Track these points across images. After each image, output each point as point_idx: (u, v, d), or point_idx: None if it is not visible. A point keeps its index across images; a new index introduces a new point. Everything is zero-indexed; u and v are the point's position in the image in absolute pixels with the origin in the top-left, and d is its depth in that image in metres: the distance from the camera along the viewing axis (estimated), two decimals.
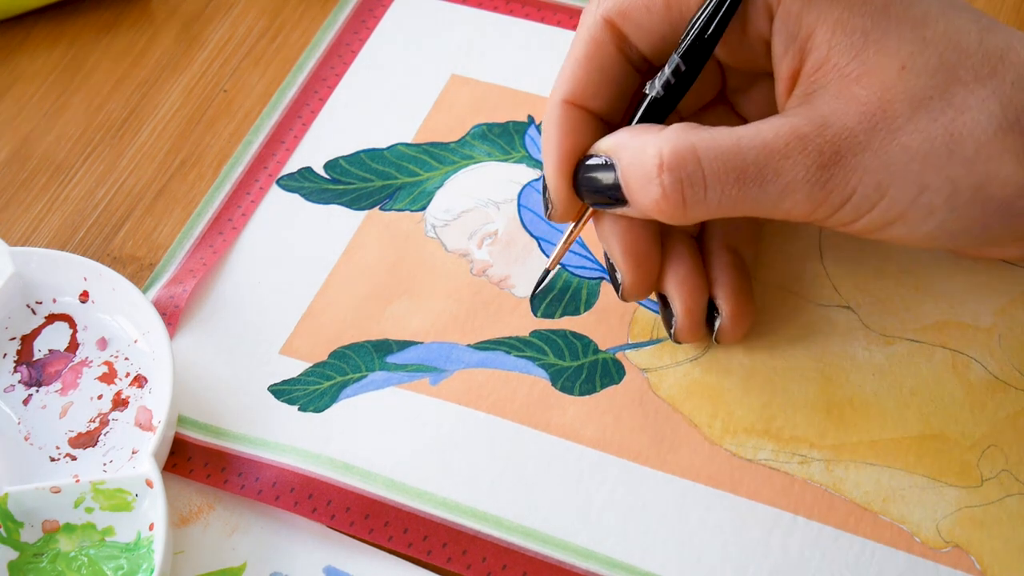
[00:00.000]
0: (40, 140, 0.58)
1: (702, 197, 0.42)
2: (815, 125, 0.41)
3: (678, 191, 0.42)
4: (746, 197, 0.42)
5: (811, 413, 0.47)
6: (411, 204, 0.54)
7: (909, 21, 0.42)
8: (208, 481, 0.47)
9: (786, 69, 0.43)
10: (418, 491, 0.46)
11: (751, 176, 0.42)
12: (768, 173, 0.41)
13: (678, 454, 0.47)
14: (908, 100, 0.41)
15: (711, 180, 0.42)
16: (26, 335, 0.51)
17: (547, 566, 0.45)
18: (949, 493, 0.45)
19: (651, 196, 0.43)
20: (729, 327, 0.48)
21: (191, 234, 0.54)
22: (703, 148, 0.42)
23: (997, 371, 0.48)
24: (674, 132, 0.42)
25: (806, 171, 0.41)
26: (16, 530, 0.46)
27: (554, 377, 0.49)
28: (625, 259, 0.46)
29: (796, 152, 0.41)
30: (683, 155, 0.42)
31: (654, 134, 0.43)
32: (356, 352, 0.50)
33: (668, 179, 0.42)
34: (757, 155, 0.41)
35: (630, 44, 0.45)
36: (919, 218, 0.42)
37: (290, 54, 0.60)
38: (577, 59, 0.46)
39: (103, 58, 0.61)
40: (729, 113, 0.48)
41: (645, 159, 0.43)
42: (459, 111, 0.57)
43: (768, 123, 0.42)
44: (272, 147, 0.56)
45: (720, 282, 0.48)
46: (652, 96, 0.45)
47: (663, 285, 0.48)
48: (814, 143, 0.41)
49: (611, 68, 0.45)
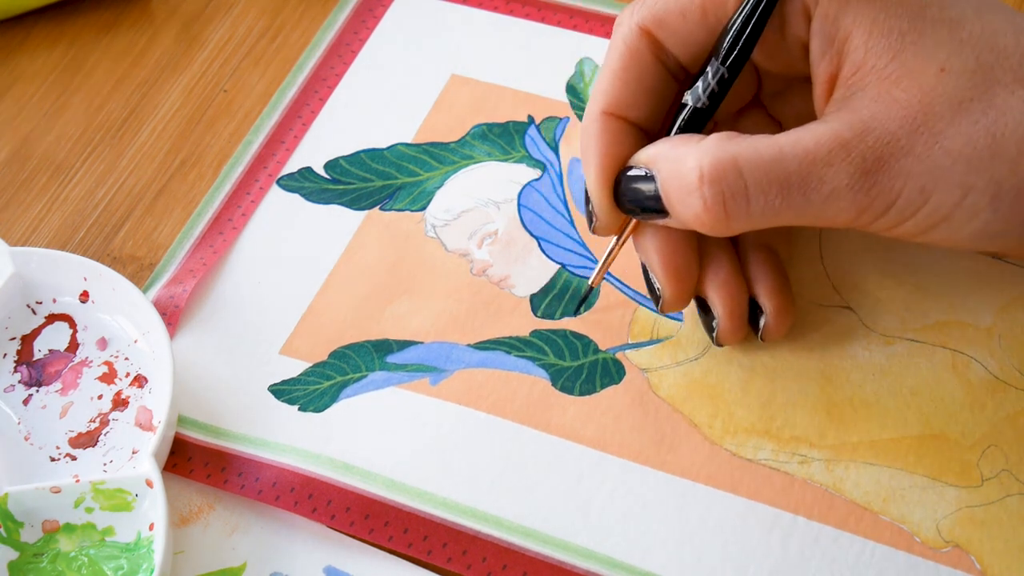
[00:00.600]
0: (40, 140, 0.58)
1: (745, 209, 0.42)
2: (856, 131, 0.41)
3: (720, 204, 0.42)
4: (789, 206, 0.42)
5: (811, 413, 0.47)
6: (411, 204, 0.54)
7: (946, 22, 0.41)
8: (208, 481, 0.47)
9: (824, 72, 0.43)
10: (418, 491, 0.46)
11: (794, 185, 0.41)
12: (812, 182, 0.41)
13: (678, 454, 0.47)
14: (948, 102, 0.41)
15: (754, 191, 0.41)
16: (26, 335, 0.51)
17: (547, 566, 0.45)
18: (949, 493, 0.45)
19: (693, 209, 0.42)
20: (774, 324, 0.47)
21: (191, 234, 0.54)
22: (744, 159, 0.41)
23: (997, 371, 0.48)
24: (714, 143, 0.42)
25: (850, 178, 0.41)
26: (16, 530, 0.46)
27: (554, 377, 0.49)
28: (665, 272, 0.46)
29: (839, 159, 0.41)
30: (724, 167, 0.41)
31: (693, 145, 0.42)
32: (356, 352, 0.50)
33: (710, 192, 0.42)
34: (800, 164, 0.41)
35: (666, 52, 0.45)
36: (963, 220, 0.42)
37: (290, 54, 0.60)
38: (614, 70, 0.45)
39: (103, 58, 0.61)
40: (764, 117, 0.48)
41: (685, 171, 0.42)
42: (459, 111, 0.57)
43: (809, 130, 0.42)
44: (272, 147, 0.56)
45: (760, 280, 0.47)
46: (693, 106, 0.44)
47: (703, 290, 0.47)
48: (857, 149, 0.41)
49: (649, 77, 0.45)
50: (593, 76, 0.57)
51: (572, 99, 0.57)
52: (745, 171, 0.41)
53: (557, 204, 0.54)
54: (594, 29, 0.59)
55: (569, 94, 0.57)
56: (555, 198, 0.54)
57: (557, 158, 0.55)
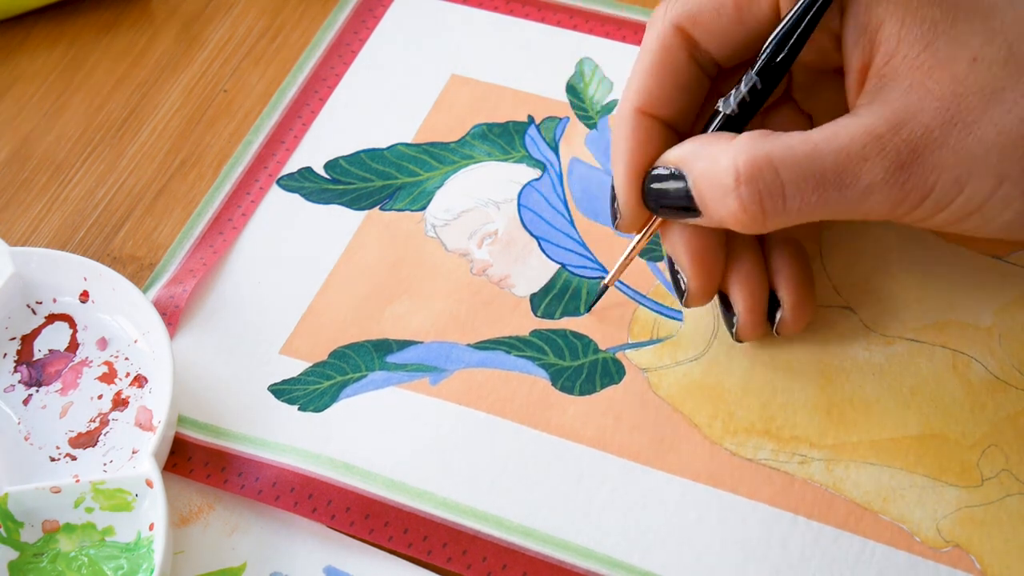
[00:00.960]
0: (40, 140, 0.58)
1: (781, 207, 0.42)
2: (890, 125, 0.41)
3: (757, 203, 0.42)
4: (826, 203, 0.42)
5: (811, 413, 0.47)
6: (411, 204, 0.54)
7: (978, 12, 0.41)
8: (208, 481, 0.47)
9: (856, 61, 0.43)
10: (418, 491, 0.46)
11: (830, 182, 0.41)
12: (847, 178, 0.41)
13: (678, 454, 0.47)
14: (981, 92, 0.41)
15: (790, 189, 0.41)
16: (26, 335, 0.51)
17: (547, 566, 0.45)
18: (949, 493, 0.45)
19: (729, 208, 0.42)
20: (790, 318, 0.47)
21: (191, 234, 0.54)
22: (779, 157, 0.41)
23: (997, 371, 0.48)
24: (747, 141, 0.42)
25: (885, 172, 0.41)
26: (16, 530, 0.46)
27: (554, 377, 0.49)
28: (692, 266, 0.46)
29: (874, 154, 0.41)
30: (760, 166, 0.41)
31: (725, 143, 0.42)
32: (356, 352, 0.50)
33: (746, 192, 0.41)
34: (835, 160, 0.41)
35: (700, 50, 0.45)
36: (996, 210, 0.42)
37: (290, 54, 0.60)
38: (647, 67, 0.45)
39: (103, 58, 0.61)
40: (795, 111, 0.48)
41: (719, 171, 0.42)
42: (459, 111, 0.57)
43: (842, 125, 0.42)
44: (272, 147, 0.56)
45: (782, 273, 0.47)
46: (726, 113, 0.44)
47: (725, 286, 0.47)
48: (891, 143, 0.41)
49: (682, 75, 0.45)
50: (593, 76, 0.57)
51: (572, 99, 0.57)
52: (781, 169, 0.41)
53: (557, 204, 0.54)
54: (594, 29, 0.59)
55: (569, 94, 0.57)
56: (555, 198, 0.54)
57: (557, 158, 0.55)
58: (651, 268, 0.51)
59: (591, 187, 0.54)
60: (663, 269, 0.51)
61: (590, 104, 0.56)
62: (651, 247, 0.52)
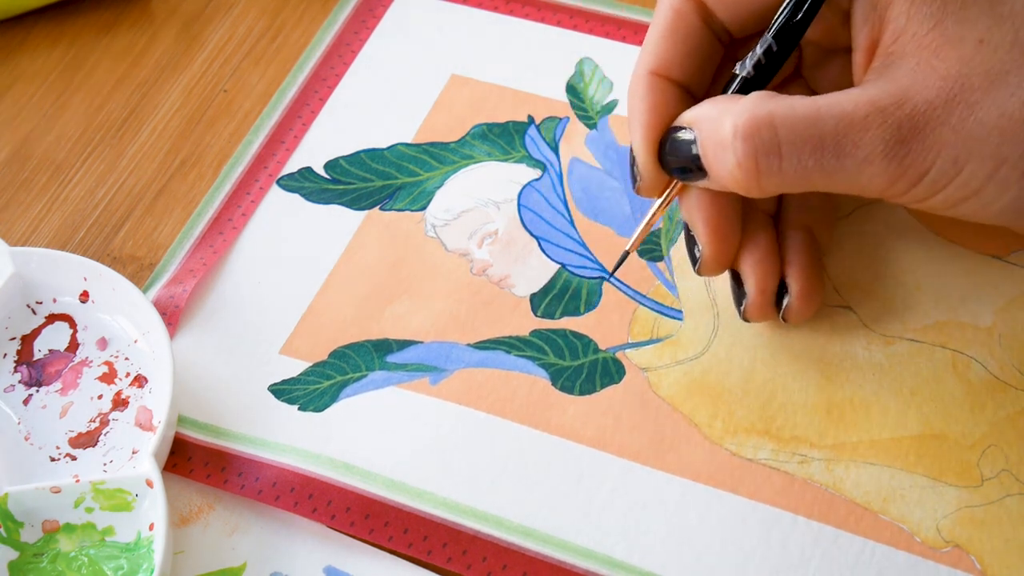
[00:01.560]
0: (40, 140, 0.58)
1: (777, 167, 0.42)
2: (894, 98, 0.41)
3: (752, 159, 0.42)
4: (822, 168, 0.42)
5: (811, 413, 0.47)
6: (411, 204, 0.54)
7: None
8: (208, 481, 0.47)
9: (865, 39, 0.43)
10: (418, 491, 0.46)
11: (828, 147, 0.41)
12: (846, 145, 0.41)
13: (678, 454, 0.47)
14: (986, 74, 0.41)
15: (787, 149, 0.42)
16: (26, 335, 0.51)
17: (547, 566, 0.45)
18: (949, 493, 0.45)
19: (726, 165, 0.43)
20: (797, 306, 0.48)
21: (191, 234, 0.54)
22: (780, 116, 0.42)
23: (997, 371, 0.48)
24: (752, 101, 0.42)
25: (884, 144, 0.41)
26: (16, 530, 0.46)
27: (554, 376, 0.49)
28: (706, 231, 0.46)
29: (875, 125, 0.41)
30: (759, 123, 0.42)
31: (733, 103, 0.43)
32: (356, 352, 0.50)
33: (742, 146, 0.42)
34: (836, 125, 0.41)
35: (714, 17, 0.46)
36: (994, 194, 0.42)
37: (290, 54, 0.60)
38: (661, 31, 0.46)
39: (103, 58, 0.61)
40: (804, 89, 0.49)
41: (721, 127, 0.42)
42: (459, 111, 0.57)
43: (847, 94, 0.42)
44: (272, 147, 0.56)
45: (792, 261, 0.48)
46: (742, 76, 0.45)
47: (738, 263, 0.48)
48: (893, 116, 0.41)
49: (695, 39, 0.46)
50: (593, 76, 0.57)
51: (572, 99, 0.57)
52: (780, 128, 0.42)
53: (557, 204, 0.54)
54: (594, 29, 0.59)
55: (569, 94, 0.57)
56: (555, 198, 0.54)
57: (557, 158, 0.55)
58: (651, 268, 0.51)
59: (591, 187, 0.54)
60: (663, 269, 0.51)
61: (590, 104, 0.56)
62: (650, 247, 0.52)
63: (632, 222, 0.53)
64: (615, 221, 0.53)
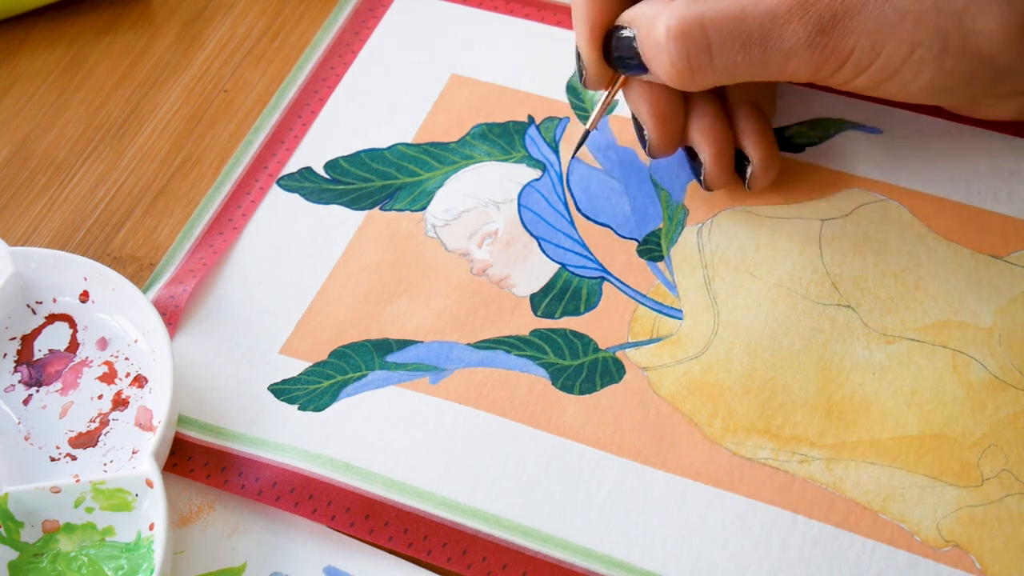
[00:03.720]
0: (40, 140, 0.58)
1: (708, 63, 0.46)
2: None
3: (684, 58, 0.46)
4: (751, 62, 0.46)
5: (811, 412, 0.47)
6: (411, 204, 0.54)
7: None
8: (208, 481, 0.47)
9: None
10: (418, 491, 0.46)
11: (755, 42, 0.46)
12: (771, 39, 0.45)
13: (678, 453, 0.47)
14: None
15: (716, 47, 0.46)
16: (26, 335, 0.51)
17: (547, 565, 0.45)
18: (949, 492, 0.45)
19: (663, 64, 0.47)
20: (760, 171, 0.51)
21: (191, 234, 0.54)
22: (709, 17, 0.46)
23: (997, 371, 0.48)
24: (682, 3, 0.46)
25: (807, 35, 0.45)
26: (16, 530, 0.46)
27: (554, 376, 0.49)
28: (651, 117, 0.50)
29: (796, 18, 0.45)
30: (689, 25, 0.46)
31: (665, 4, 0.47)
32: (356, 351, 0.50)
33: (675, 48, 0.46)
34: (761, 22, 0.45)
35: None
36: (911, 75, 0.46)
37: (290, 54, 0.60)
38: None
39: (103, 58, 0.61)
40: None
41: (655, 29, 0.47)
42: (459, 111, 0.57)
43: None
44: (272, 147, 0.56)
45: (746, 131, 0.51)
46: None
47: (689, 137, 0.51)
48: (814, 8, 0.45)
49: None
50: None
51: (572, 99, 0.57)
52: (709, 29, 0.46)
53: (557, 204, 0.54)
54: None
55: (569, 94, 0.57)
56: (555, 198, 0.54)
57: (557, 158, 0.55)
58: (651, 268, 0.51)
59: (591, 187, 0.54)
60: (663, 269, 0.51)
61: (590, 104, 0.56)
62: (650, 247, 0.52)
63: (632, 222, 0.53)
64: (615, 221, 0.53)
